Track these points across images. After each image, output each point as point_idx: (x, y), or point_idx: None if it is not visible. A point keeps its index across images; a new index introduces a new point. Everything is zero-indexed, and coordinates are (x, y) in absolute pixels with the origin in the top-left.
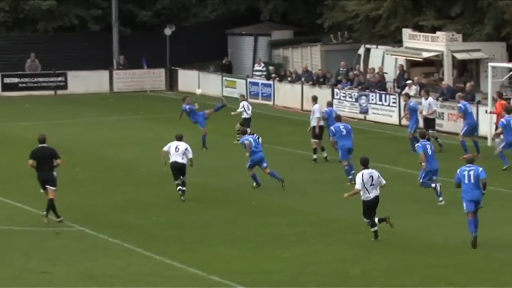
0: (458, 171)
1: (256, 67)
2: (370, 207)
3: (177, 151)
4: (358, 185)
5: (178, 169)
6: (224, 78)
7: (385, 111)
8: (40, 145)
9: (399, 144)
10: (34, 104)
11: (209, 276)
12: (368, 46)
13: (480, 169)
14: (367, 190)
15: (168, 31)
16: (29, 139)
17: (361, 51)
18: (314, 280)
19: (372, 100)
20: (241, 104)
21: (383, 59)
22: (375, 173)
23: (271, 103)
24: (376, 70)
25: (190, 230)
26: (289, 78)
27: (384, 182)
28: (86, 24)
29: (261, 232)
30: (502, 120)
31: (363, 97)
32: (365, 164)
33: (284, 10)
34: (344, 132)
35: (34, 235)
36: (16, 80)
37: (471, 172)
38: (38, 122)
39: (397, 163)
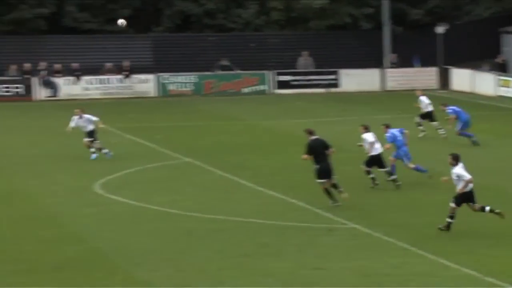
0: None
1: None
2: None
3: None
4: (467, 176)
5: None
6: (498, 77)
7: None
8: (313, 137)
9: None
10: (305, 102)
11: (484, 278)
12: None
13: None
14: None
15: (440, 30)
16: (299, 137)
17: None
18: None
19: None
20: (420, 98)
21: None
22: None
23: None
24: None
25: (466, 230)
26: None
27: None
28: (357, 23)
29: None
30: None
31: None
32: (456, 160)
33: None
34: None
35: (307, 231)
36: (288, 78)
37: None
38: (307, 119)
39: None
